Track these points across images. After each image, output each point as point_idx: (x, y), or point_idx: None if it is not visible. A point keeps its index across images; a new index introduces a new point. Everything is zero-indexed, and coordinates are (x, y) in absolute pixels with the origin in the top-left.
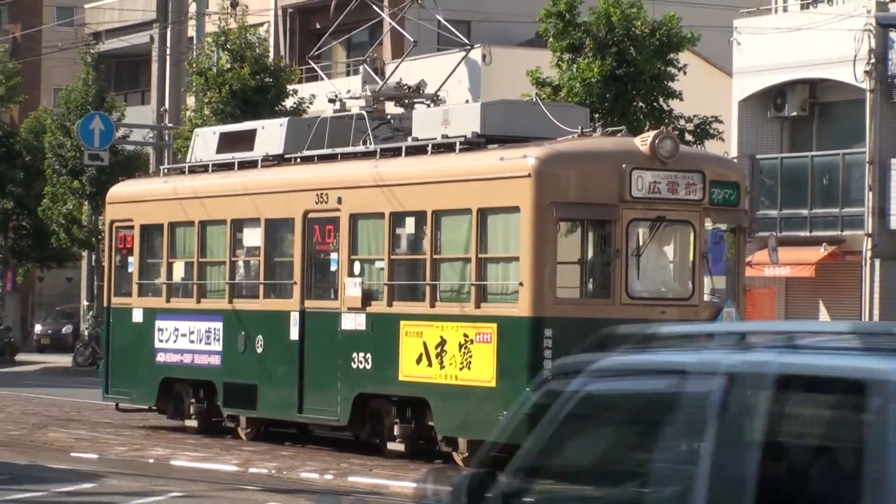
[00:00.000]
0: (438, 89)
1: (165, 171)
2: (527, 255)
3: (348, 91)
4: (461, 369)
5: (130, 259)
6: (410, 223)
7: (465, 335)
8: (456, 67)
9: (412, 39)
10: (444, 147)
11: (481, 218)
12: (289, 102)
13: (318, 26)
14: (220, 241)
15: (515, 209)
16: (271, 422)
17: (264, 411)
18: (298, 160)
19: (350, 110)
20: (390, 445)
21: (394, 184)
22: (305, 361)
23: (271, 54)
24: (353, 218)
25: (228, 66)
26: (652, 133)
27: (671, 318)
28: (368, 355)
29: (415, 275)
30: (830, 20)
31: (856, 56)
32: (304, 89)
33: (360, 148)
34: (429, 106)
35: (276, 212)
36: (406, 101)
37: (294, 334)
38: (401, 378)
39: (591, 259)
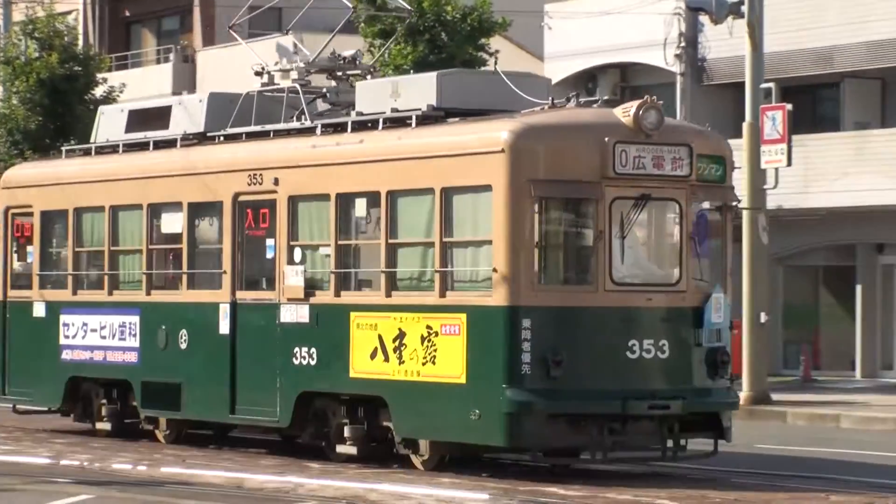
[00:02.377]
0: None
1: (66, 152)
2: (500, 238)
3: (276, 63)
4: (424, 364)
5: (30, 249)
6: (361, 205)
7: (429, 327)
8: None
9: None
10: (397, 122)
11: (445, 198)
12: (99, 91)
13: (127, 14)
14: (135, 227)
15: (486, 188)
16: (195, 423)
17: (191, 412)
18: (222, 139)
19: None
20: (340, 448)
21: (341, 162)
22: (238, 358)
23: (80, 42)
24: (293, 200)
25: (37, 54)
26: (634, 103)
27: (658, 305)
28: (313, 350)
29: (367, 262)
30: (641, 4)
31: (666, 40)
32: (114, 77)
33: (297, 124)
34: (365, 78)
35: (202, 195)
36: (340, 73)
37: (224, 328)
38: (352, 375)
39: (571, 242)
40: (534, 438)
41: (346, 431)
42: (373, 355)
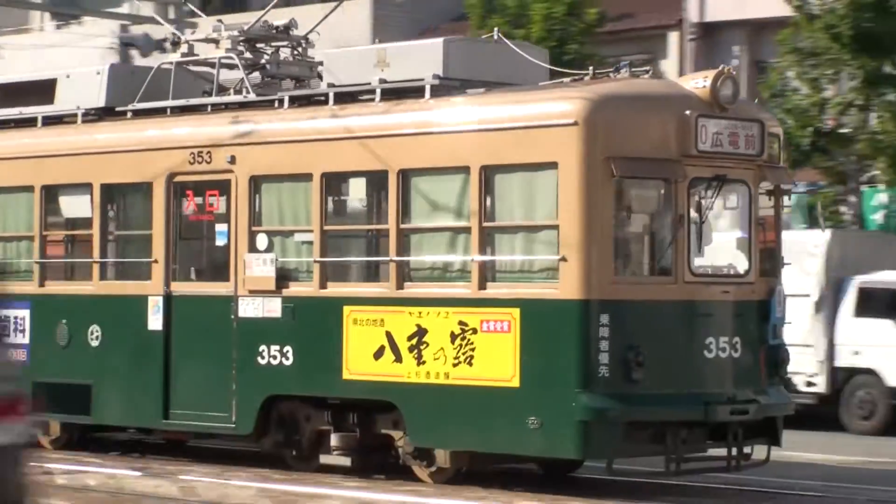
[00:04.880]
0: (310, 31)
1: None
2: (572, 222)
3: (192, 32)
4: (456, 366)
5: None
6: (358, 186)
7: (463, 323)
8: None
9: None
10: (396, 92)
11: (485, 178)
12: None
13: None
14: (24, 212)
15: (549, 165)
16: (98, 428)
17: (105, 417)
18: (131, 114)
19: (199, 55)
20: (325, 459)
21: (332, 138)
22: (174, 356)
23: None
24: (255, 181)
25: None
26: (710, 73)
27: (733, 299)
28: (287, 349)
29: (368, 249)
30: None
31: None
32: None
33: (249, 97)
34: (302, 49)
35: (120, 175)
36: (278, 43)
37: (155, 323)
38: (347, 377)
39: (650, 228)
40: (610, 448)
41: (334, 440)
42: (378, 355)
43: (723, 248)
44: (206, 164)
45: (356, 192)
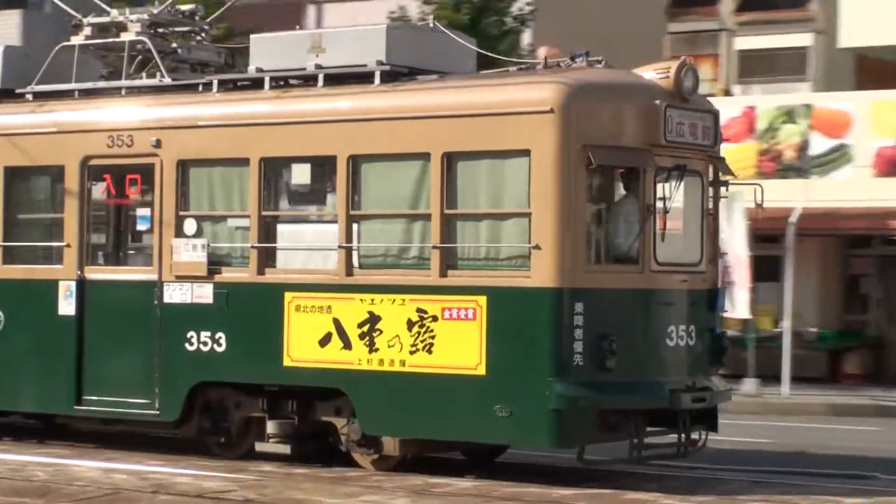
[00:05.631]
0: (217, 16)
1: None
2: (547, 210)
3: (90, 15)
4: (413, 353)
5: None
6: (301, 172)
7: (421, 311)
8: None
9: None
10: (334, 79)
11: (448, 165)
12: None
13: None
14: None
15: (520, 153)
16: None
17: (8, 403)
18: (30, 96)
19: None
20: (261, 447)
21: (273, 122)
22: (87, 342)
23: None
24: (183, 165)
25: None
26: (673, 63)
27: (689, 288)
28: (219, 335)
29: (312, 236)
30: None
31: None
32: None
33: (162, 81)
34: (198, 35)
35: (25, 159)
36: (182, 28)
37: (66, 309)
38: (288, 364)
39: (619, 217)
40: (582, 436)
41: (271, 427)
42: (324, 341)
43: (675, 237)
44: (126, 148)
45: (299, 178)
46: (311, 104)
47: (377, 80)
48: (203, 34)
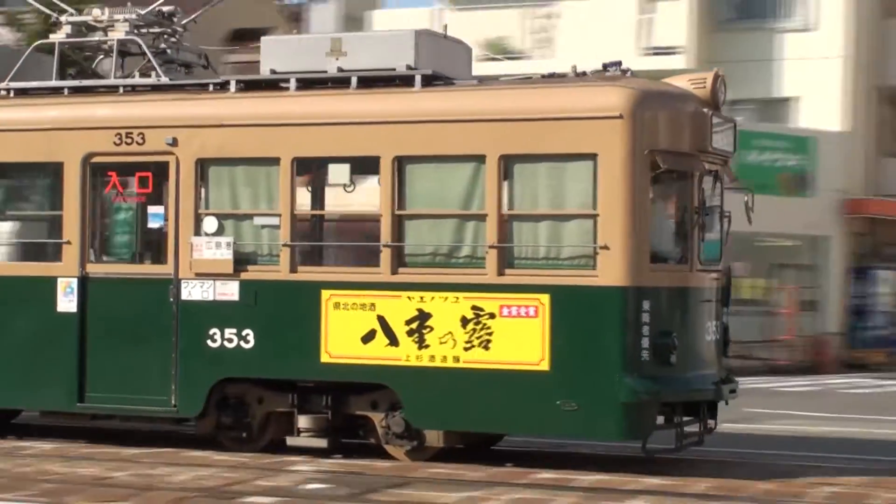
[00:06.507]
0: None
1: None
2: (615, 212)
3: (72, 14)
4: (468, 349)
5: None
6: (340, 171)
7: (477, 308)
8: None
9: None
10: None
11: (505, 167)
12: None
13: None
14: None
15: (587, 157)
16: None
17: (5, 400)
18: (13, 93)
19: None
20: (293, 441)
21: (306, 123)
22: (91, 339)
23: None
24: (203, 164)
25: None
26: (706, 75)
27: (717, 286)
28: (246, 332)
29: (350, 234)
30: None
31: None
32: None
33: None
34: (175, 37)
35: (20, 154)
36: (161, 29)
37: (67, 306)
38: (326, 360)
39: (675, 218)
40: (646, 428)
41: (304, 422)
42: (367, 338)
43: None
44: (136, 146)
45: (339, 178)
46: (350, 105)
47: (418, 83)
48: (178, 36)
